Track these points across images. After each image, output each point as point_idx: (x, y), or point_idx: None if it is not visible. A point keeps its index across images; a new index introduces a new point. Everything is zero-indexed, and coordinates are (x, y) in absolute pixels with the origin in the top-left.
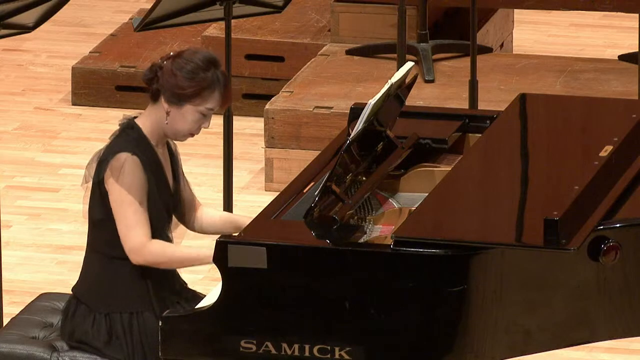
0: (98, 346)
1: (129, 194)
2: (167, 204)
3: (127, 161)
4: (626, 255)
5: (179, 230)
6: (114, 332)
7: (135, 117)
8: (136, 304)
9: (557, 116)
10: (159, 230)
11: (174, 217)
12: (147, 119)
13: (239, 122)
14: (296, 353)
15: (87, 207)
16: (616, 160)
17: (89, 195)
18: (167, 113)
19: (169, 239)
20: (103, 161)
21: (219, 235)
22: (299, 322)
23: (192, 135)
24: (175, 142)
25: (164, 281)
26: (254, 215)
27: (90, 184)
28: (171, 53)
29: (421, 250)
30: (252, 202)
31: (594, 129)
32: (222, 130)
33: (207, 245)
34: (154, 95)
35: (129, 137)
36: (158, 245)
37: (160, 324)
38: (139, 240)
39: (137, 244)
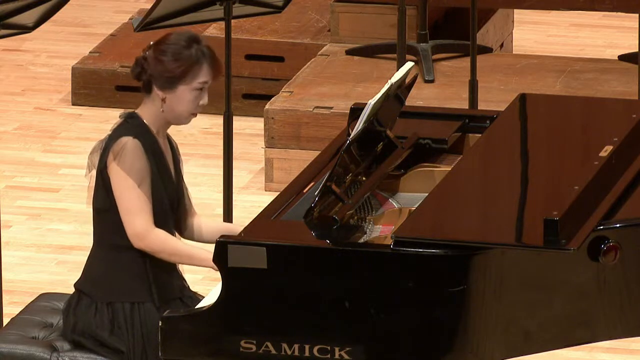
0: (102, 335)
1: (130, 177)
2: (171, 195)
3: (128, 144)
4: (626, 255)
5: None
6: (117, 322)
7: (135, 110)
8: (137, 294)
9: (557, 116)
10: (163, 222)
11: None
12: (146, 111)
13: (239, 122)
14: (296, 353)
15: (92, 193)
16: (616, 160)
17: (94, 184)
18: (163, 100)
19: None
20: (106, 148)
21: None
22: (299, 322)
23: (194, 115)
24: (176, 142)
25: (164, 271)
26: (254, 216)
27: (94, 173)
28: (151, 42)
29: (421, 250)
30: (252, 202)
31: (594, 129)
32: (222, 130)
33: (208, 247)
34: (146, 86)
35: (130, 125)
36: (162, 234)
37: (160, 324)
38: (142, 227)
39: (140, 230)
